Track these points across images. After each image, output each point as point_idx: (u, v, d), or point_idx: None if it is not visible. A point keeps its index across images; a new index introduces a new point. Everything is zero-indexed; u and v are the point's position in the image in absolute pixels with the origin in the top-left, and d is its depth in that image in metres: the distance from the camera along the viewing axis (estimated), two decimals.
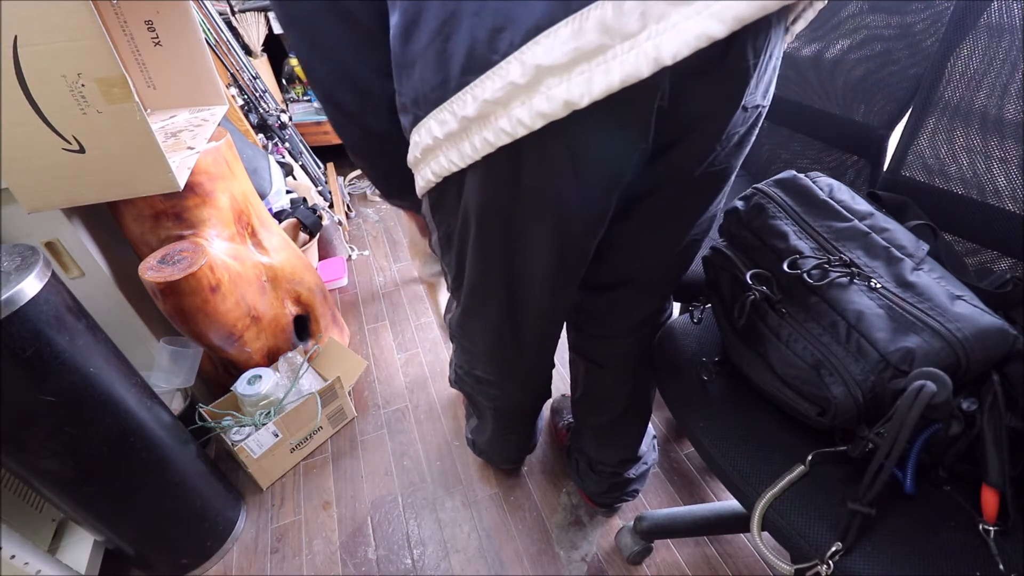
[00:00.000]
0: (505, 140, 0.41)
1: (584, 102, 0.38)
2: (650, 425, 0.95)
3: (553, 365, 0.83)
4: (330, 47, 0.51)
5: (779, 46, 0.47)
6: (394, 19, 0.44)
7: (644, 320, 0.74)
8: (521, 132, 0.40)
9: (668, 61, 0.36)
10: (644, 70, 0.36)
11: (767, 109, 0.51)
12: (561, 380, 1.31)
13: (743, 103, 0.46)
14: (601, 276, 0.68)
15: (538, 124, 0.40)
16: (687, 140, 0.48)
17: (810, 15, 0.49)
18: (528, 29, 0.37)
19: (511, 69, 0.38)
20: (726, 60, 0.39)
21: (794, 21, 0.50)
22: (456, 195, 0.51)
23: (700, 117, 0.46)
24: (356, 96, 0.54)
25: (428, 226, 0.61)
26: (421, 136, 0.47)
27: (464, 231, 0.54)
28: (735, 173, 0.56)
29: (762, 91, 0.48)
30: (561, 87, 0.38)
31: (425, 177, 0.50)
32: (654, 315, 0.74)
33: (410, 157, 0.50)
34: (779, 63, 0.49)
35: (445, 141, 0.45)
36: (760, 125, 0.52)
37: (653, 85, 0.39)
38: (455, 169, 0.46)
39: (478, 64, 0.39)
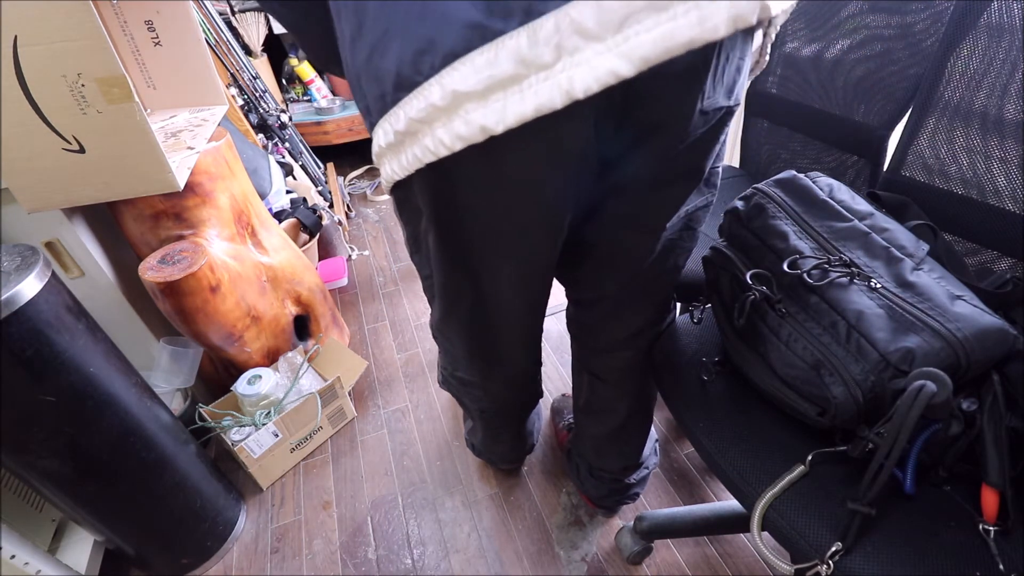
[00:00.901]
0: (430, 158, 0.42)
1: (499, 129, 0.38)
2: (652, 429, 0.95)
3: (539, 365, 0.82)
4: None
5: (739, 47, 0.46)
6: (342, 28, 0.45)
7: (639, 331, 0.73)
8: (443, 152, 0.41)
9: (580, 95, 0.36)
10: (557, 101, 0.37)
11: (739, 107, 0.51)
12: (560, 379, 1.31)
13: (701, 107, 0.46)
14: (582, 290, 0.69)
15: (458, 146, 0.40)
16: (643, 144, 0.48)
17: (786, 5, 0.48)
18: (446, 54, 0.38)
19: (432, 91, 0.39)
20: (672, 65, 0.39)
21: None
22: (409, 199, 0.52)
23: (654, 123, 0.47)
24: None
25: (399, 223, 0.61)
26: (374, 142, 0.48)
27: (426, 232, 0.55)
28: (706, 173, 0.55)
29: (724, 92, 0.47)
30: (478, 112, 0.38)
31: (382, 179, 0.52)
32: (650, 325, 0.73)
33: (373, 155, 0.52)
34: (744, 63, 0.48)
35: (388, 151, 0.46)
36: (729, 124, 0.52)
37: (580, 110, 0.39)
38: (398, 178, 0.48)
39: (406, 83, 0.40)
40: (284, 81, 2.49)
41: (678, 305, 0.78)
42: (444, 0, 0.37)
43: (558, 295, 0.73)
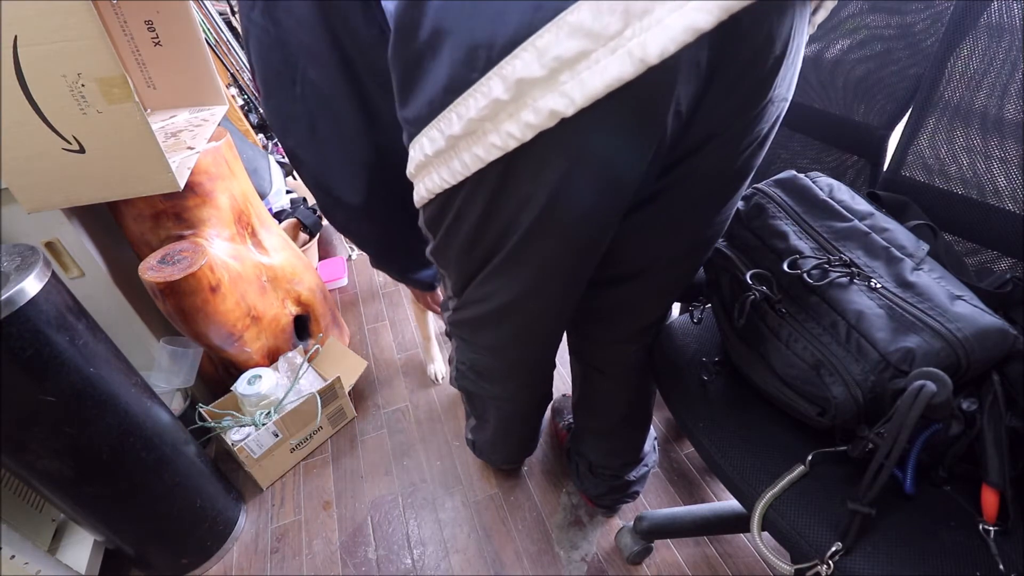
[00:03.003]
0: (496, 154, 0.41)
1: (570, 111, 0.37)
2: (651, 427, 0.95)
3: (554, 365, 0.83)
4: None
5: (803, 36, 0.44)
6: (391, 33, 0.44)
7: (646, 327, 0.73)
8: (512, 145, 0.40)
9: (654, 60, 0.34)
10: (628, 71, 0.35)
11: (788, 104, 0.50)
12: (561, 380, 1.31)
13: (772, 96, 0.44)
14: (611, 268, 0.68)
15: (528, 135, 0.39)
16: (713, 141, 0.47)
17: (830, 5, 0.47)
18: (505, 44, 0.37)
19: (493, 86, 0.38)
20: (754, 51, 0.37)
21: (815, 11, 0.48)
22: (453, 208, 0.51)
23: (727, 115, 0.45)
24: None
25: (424, 236, 0.60)
26: (415, 152, 0.47)
27: (473, 231, 0.53)
28: (754, 171, 0.55)
29: (787, 83, 0.46)
30: (546, 98, 0.37)
31: (419, 192, 0.51)
32: (657, 322, 0.73)
33: (409, 168, 0.50)
34: (801, 53, 0.46)
35: (435, 159, 0.45)
36: (779, 122, 0.51)
37: (662, 86, 0.38)
38: (447, 186, 0.46)
39: (457, 84, 0.39)
40: None
41: (677, 305, 0.78)
42: None
43: None
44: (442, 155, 0.44)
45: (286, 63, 0.53)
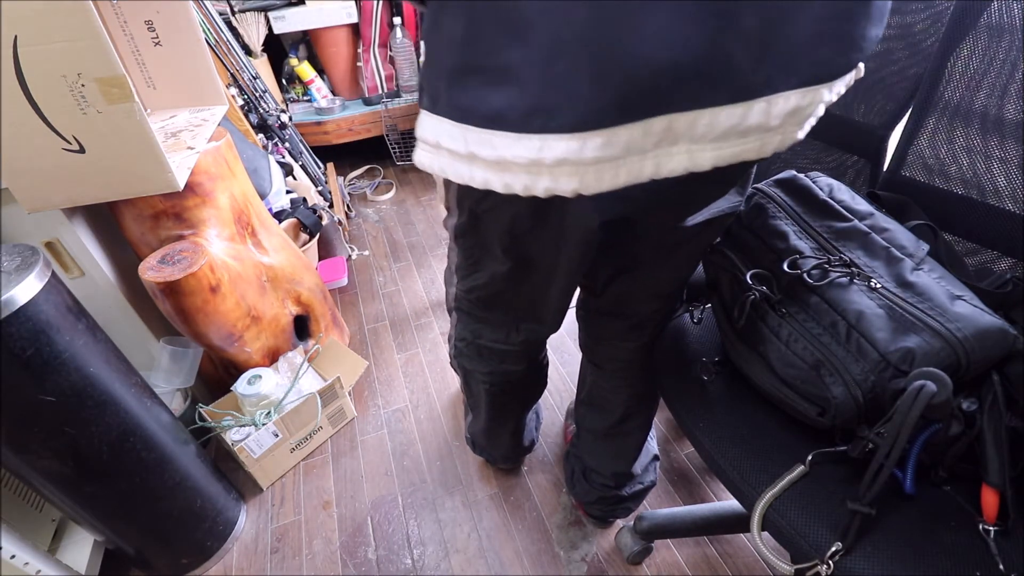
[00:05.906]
0: (452, 177, 0.44)
1: (500, 189, 0.42)
2: (654, 447, 0.94)
3: (544, 346, 0.83)
4: None
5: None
6: (456, 24, 0.41)
7: (641, 323, 0.73)
8: (465, 182, 0.43)
9: (541, 193, 0.41)
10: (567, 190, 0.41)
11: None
12: (561, 379, 1.31)
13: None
14: (592, 276, 0.70)
15: (477, 185, 0.43)
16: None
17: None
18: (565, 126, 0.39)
19: (498, 143, 0.40)
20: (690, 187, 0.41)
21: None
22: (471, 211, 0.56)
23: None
24: None
25: (453, 209, 0.61)
26: (427, 123, 0.45)
27: (475, 217, 0.58)
28: (738, 182, 0.57)
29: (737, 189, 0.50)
30: (484, 173, 0.42)
31: (418, 156, 0.49)
32: (653, 318, 0.73)
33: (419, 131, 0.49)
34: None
35: (445, 152, 0.44)
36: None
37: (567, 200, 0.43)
38: (445, 175, 0.46)
39: (500, 124, 0.39)
40: (284, 81, 2.49)
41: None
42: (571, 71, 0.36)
43: None
44: (456, 156, 0.43)
45: None
